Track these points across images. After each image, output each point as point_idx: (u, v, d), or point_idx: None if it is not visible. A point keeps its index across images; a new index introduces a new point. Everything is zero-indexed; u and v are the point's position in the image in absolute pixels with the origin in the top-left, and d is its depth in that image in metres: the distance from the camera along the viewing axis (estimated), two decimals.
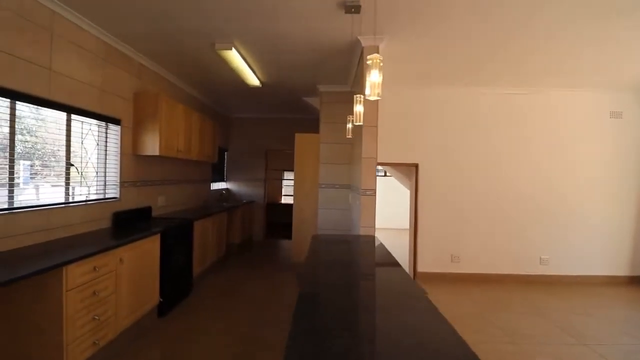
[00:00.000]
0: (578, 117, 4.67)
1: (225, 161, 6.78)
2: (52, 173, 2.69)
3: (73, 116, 2.79)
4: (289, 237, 7.55)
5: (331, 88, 4.65)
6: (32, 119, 2.43)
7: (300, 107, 6.07)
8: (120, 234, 2.94)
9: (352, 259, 2.33)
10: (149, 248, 2.95)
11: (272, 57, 3.59)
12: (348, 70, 3.99)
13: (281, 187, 10.77)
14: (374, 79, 1.14)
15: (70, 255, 2.10)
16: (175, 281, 3.41)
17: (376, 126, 3.02)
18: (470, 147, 4.66)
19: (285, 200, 10.86)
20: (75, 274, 2.06)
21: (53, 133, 2.63)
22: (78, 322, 2.09)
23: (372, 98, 1.18)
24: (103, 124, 3.17)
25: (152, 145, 3.51)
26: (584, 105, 4.66)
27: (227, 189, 6.79)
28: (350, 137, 2.59)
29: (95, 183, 3.11)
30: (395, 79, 3.71)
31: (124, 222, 3.32)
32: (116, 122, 3.28)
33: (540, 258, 4.69)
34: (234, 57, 3.43)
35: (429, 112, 4.64)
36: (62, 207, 2.65)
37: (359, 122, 1.90)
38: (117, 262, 2.49)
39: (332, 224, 4.64)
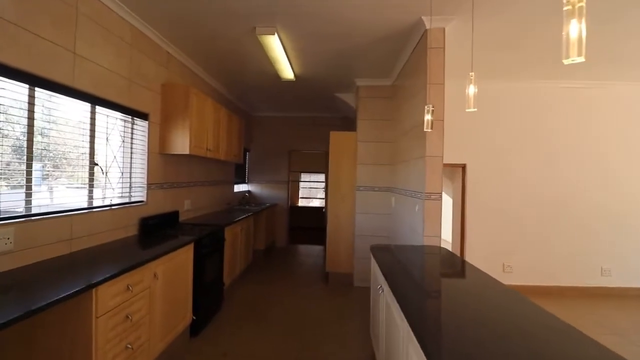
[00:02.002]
0: None
1: (247, 162, 6.41)
2: (75, 174, 2.34)
3: (98, 108, 2.44)
4: (314, 242, 7.21)
5: (370, 82, 4.25)
6: (53, 109, 2.07)
7: (328, 105, 5.69)
8: (149, 242, 2.57)
9: (447, 276, 1.93)
10: (183, 259, 2.58)
11: (313, 44, 3.21)
12: (394, 61, 3.59)
13: (298, 189, 10.40)
14: (575, 32, 0.75)
15: (100, 271, 1.74)
16: (208, 295, 3.03)
17: (442, 120, 2.62)
18: (524, 146, 4.22)
19: (302, 203, 10.49)
20: (107, 296, 1.69)
21: (75, 127, 2.27)
22: (109, 353, 1.72)
23: (569, 61, 0.79)
24: (129, 118, 2.81)
25: (181, 144, 3.15)
26: None
27: (249, 191, 6.42)
28: (429, 130, 2.20)
29: (120, 185, 2.76)
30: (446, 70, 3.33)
31: (152, 229, 2.96)
32: (143, 116, 2.93)
33: (602, 268, 4.23)
34: (275, 45, 3.06)
35: (479, 107, 4.18)
36: (85, 212, 2.29)
37: (472, 108, 1.51)
38: (152, 278, 2.12)
39: (370, 230, 4.23)
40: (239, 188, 5.91)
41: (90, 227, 2.32)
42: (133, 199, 2.89)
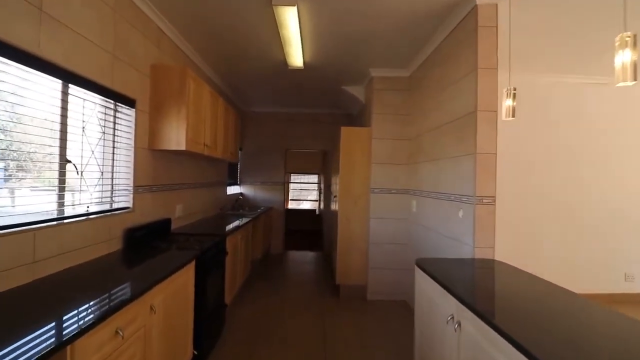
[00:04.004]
0: None
1: (239, 161, 5.84)
2: (40, 174, 1.77)
3: (71, 88, 1.87)
4: (309, 248, 6.71)
5: (386, 73, 3.84)
6: (9, 83, 1.50)
7: (331, 100, 5.26)
8: (139, 261, 2.03)
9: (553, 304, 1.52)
10: (183, 282, 2.04)
11: (333, 23, 2.75)
12: (417, 48, 3.19)
13: (288, 191, 9.87)
14: None
15: (76, 309, 1.21)
16: (209, 322, 2.50)
17: (496, 110, 2.24)
18: (543, 145, 3.92)
19: (291, 205, 9.96)
20: (88, 351, 1.16)
21: (41, 111, 1.70)
22: None
23: None
24: (111, 104, 2.24)
25: (176, 137, 2.60)
26: None
27: (241, 194, 5.85)
28: (510, 119, 1.82)
29: (100, 188, 2.18)
30: None
31: (140, 242, 2.39)
32: (130, 103, 2.36)
33: (625, 274, 4.02)
34: (291, 21, 2.58)
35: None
36: (54, 224, 1.72)
37: (629, 81, 1.09)
38: (148, 313, 1.59)
39: (387, 237, 3.81)
40: (231, 190, 5.34)
41: (61, 243, 1.75)
42: (116, 205, 2.32)
